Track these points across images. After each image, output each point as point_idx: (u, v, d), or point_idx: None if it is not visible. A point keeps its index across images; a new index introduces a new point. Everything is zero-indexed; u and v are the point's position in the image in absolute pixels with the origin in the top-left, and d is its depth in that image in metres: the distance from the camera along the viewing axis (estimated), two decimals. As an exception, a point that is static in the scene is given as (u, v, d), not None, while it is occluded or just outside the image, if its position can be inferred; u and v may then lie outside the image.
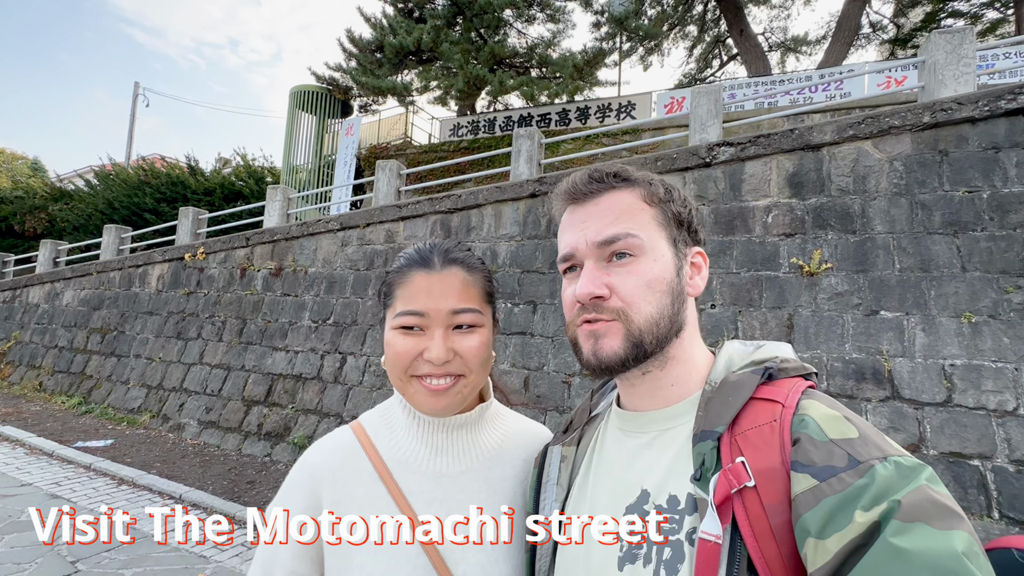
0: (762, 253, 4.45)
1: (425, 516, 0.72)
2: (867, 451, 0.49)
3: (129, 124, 20.35)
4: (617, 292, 0.61)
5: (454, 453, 0.78)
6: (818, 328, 4.04)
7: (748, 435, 0.54)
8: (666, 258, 0.63)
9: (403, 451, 0.77)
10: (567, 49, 14.08)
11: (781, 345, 0.65)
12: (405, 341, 0.73)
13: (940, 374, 3.59)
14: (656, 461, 0.62)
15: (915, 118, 4.14)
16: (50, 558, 3.39)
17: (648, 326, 0.60)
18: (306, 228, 7.31)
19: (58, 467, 5.33)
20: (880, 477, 0.46)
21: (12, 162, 28.37)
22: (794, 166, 4.53)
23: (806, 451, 0.50)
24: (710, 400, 0.60)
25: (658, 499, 0.59)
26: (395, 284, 0.76)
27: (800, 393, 0.57)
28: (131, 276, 9.04)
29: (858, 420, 0.54)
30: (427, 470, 0.76)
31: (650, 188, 0.65)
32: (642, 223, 0.63)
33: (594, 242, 0.63)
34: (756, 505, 0.51)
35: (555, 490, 0.71)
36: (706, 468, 0.55)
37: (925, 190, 4.05)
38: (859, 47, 14.21)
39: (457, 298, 0.74)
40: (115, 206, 13.24)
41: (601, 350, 0.61)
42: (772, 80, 11.30)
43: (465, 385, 0.74)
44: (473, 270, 0.78)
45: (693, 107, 5.47)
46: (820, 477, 0.48)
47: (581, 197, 0.66)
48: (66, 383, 8.54)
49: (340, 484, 0.74)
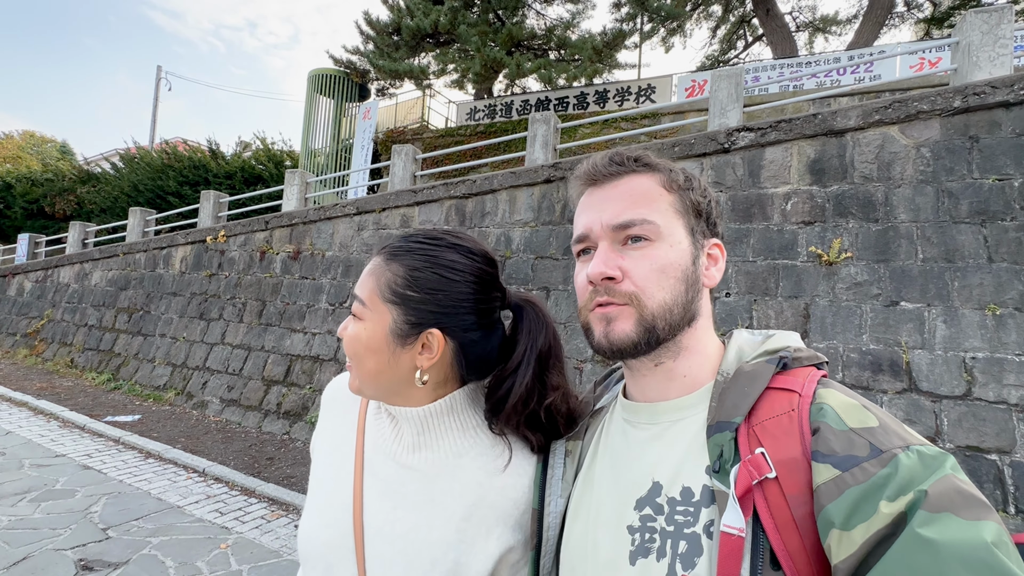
0: (780, 241, 4.38)
1: (368, 483, 0.75)
2: (889, 440, 0.49)
3: (152, 108, 20.68)
4: (630, 276, 0.60)
5: (407, 446, 0.76)
6: (835, 318, 3.98)
7: (766, 425, 0.54)
8: (683, 245, 0.62)
9: (378, 421, 0.80)
10: (586, 31, 13.81)
11: (790, 334, 0.64)
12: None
13: (960, 367, 3.51)
14: (667, 453, 0.60)
15: (945, 102, 3.99)
16: (83, 524, 3.57)
17: (661, 311, 0.59)
18: (323, 212, 7.40)
19: (89, 440, 5.58)
20: (904, 466, 0.46)
21: (42, 145, 29.14)
22: (816, 152, 4.42)
23: (826, 440, 0.50)
24: (724, 391, 0.59)
25: (671, 491, 0.58)
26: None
27: (816, 382, 0.56)
28: (156, 258, 9.29)
29: (876, 409, 0.53)
30: (384, 447, 0.77)
31: (670, 175, 0.64)
32: (660, 209, 0.62)
33: (610, 224, 0.62)
34: (778, 496, 0.50)
35: (560, 485, 0.70)
36: (724, 460, 0.54)
37: (953, 178, 3.92)
38: (892, 27, 13.64)
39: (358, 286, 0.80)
40: (140, 189, 13.56)
41: (613, 332, 0.60)
42: (798, 62, 10.94)
43: (355, 378, 0.75)
44: (392, 259, 0.75)
45: (713, 91, 5.35)
46: (842, 467, 0.48)
47: (600, 179, 0.65)
48: (96, 360, 8.87)
49: (333, 411, 0.85)
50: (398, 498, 0.73)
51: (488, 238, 5.89)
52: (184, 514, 3.90)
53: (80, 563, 3.07)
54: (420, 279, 0.70)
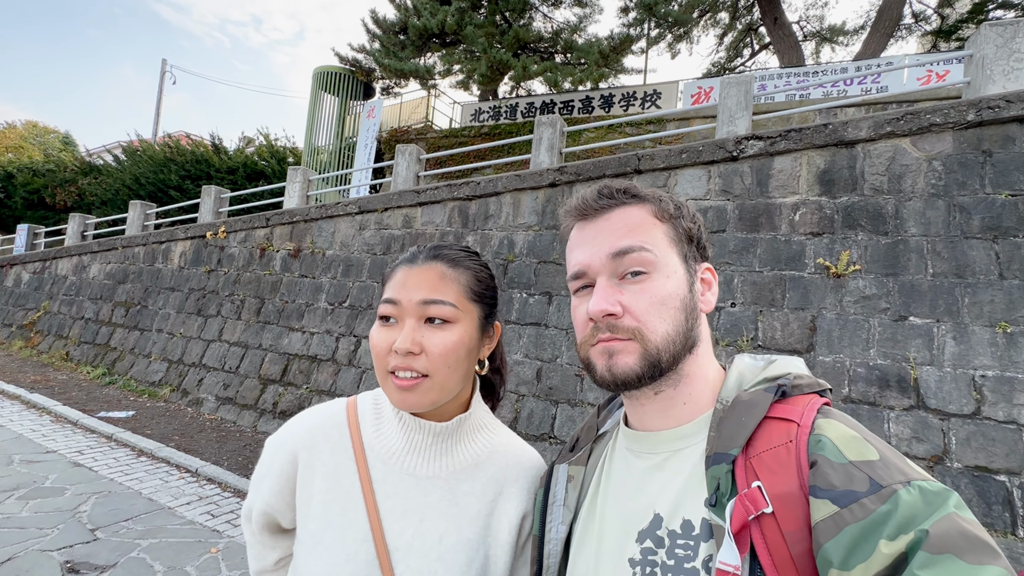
0: (787, 252, 4.32)
1: (384, 506, 0.74)
2: (889, 475, 0.47)
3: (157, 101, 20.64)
4: (631, 311, 0.59)
5: (427, 456, 0.78)
6: (842, 331, 3.91)
7: (763, 457, 0.53)
8: (679, 274, 0.62)
9: (382, 440, 0.78)
10: (593, 35, 13.79)
11: (793, 359, 0.63)
12: (380, 333, 0.74)
13: (970, 385, 3.45)
14: (668, 484, 0.60)
15: (959, 115, 3.94)
16: (71, 524, 3.50)
17: (665, 344, 0.59)
18: (325, 211, 7.34)
19: (81, 436, 5.50)
20: (904, 503, 0.45)
21: (44, 136, 29.09)
22: (826, 163, 4.36)
23: (824, 474, 0.48)
24: (722, 420, 0.58)
25: (671, 524, 0.57)
26: (386, 279, 0.79)
27: (815, 411, 0.55)
28: (155, 252, 9.22)
29: (877, 441, 0.51)
30: (397, 464, 0.77)
31: (660, 204, 0.64)
32: (654, 238, 0.62)
33: (607, 254, 0.61)
34: (775, 533, 0.49)
35: (562, 511, 0.69)
36: (721, 493, 0.53)
37: (965, 192, 3.86)
38: (899, 38, 13.61)
39: (429, 289, 0.73)
40: (141, 182, 13.50)
41: (616, 366, 0.59)
42: (805, 71, 10.90)
43: (431, 388, 0.72)
44: (457, 265, 0.77)
45: (722, 98, 5.29)
46: (840, 503, 0.46)
47: (591, 213, 0.65)
48: (91, 354, 8.80)
49: (316, 452, 0.77)
50: (424, 510, 0.75)
51: (491, 241, 5.83)
52: (175, 516, 3.83)
53: (66, 565, 2.99)
54: (484, 280, 0.80)
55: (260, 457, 0.83)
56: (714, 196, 4.78)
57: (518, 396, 4.89)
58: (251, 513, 0.82)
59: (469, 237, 5.99)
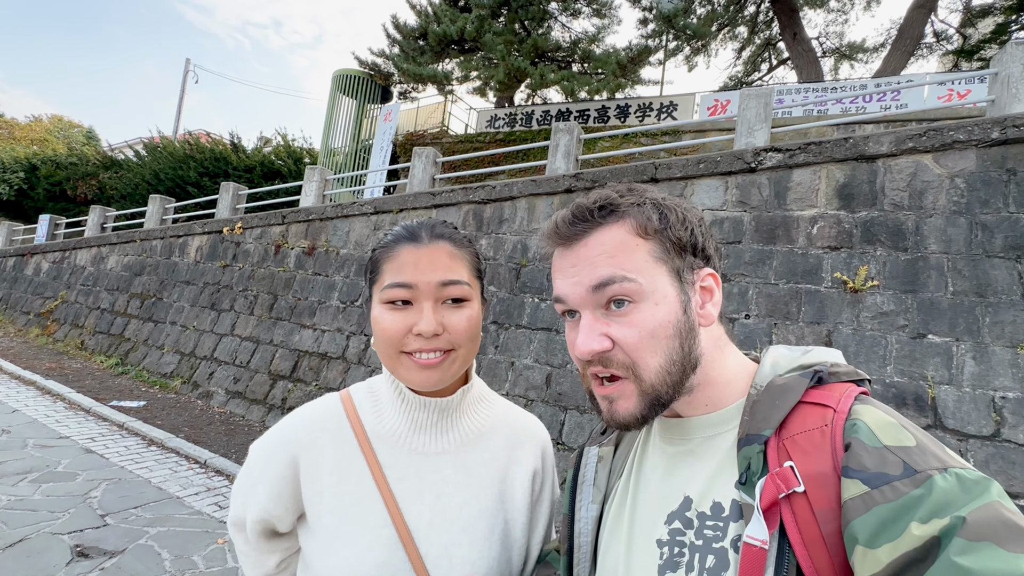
0: (804, 265, 4.28)
1: (397, 489, 0.74)
2: (925, 460, 0.46)
3: (179, 99, 21.04)
4: (620, 344, 0.57)
5: (433, 433, 0.78)
6: (858, 347, 3.86)
7: (797, 439, 0.52)
8: (669, 298, 0.57)
9: (384, 424, 0.77)
10: (611, 45, 13.87)
11: (830, 350, 0.61)
12: (394, 317, 0.72)
13: (989, 406, 3.39)
14: (700, 468, 0.59)
15: (983, 133, 3.90)
16: (82, 509, 3.54)
17: (661, 377, 0.57)
18: (340, 210, 7.41)
19: (94, 423, 5.57)
20: (939, 489, 0.44)
21: (69, 130, 29.73)
22: (845, 177, 4.33)
23: (858, 456, 0.48)
24: (755, 403, 0.57)
25: (701, 506, 0.57)
26: (382, 259, 0.75)
27: (853, 398, 0.54)
28: (172, 245, 9.35)
29: (915, 429, 0.50)
30: (404, 446, 0.76)
31: (641, 217, 0.58)
32: (638, 264, 0.57)
33: (587, 288, 0.57)
34: (806, 511, 0.49)
35: (591, 491, 0.70)
36: (752, 472, 0.53)
37: (988, 210, 3.81)
38: (920, 57, 13.54)
39: (445, 270, 0.73)
40: (161, 177, 13.73)
41: (617, 413, 0.58)
42: (823, 87, 10.86)
43: (455, 359, 0.73)
44: (461, 245, 0.77)
45: (741, 110, 5.29)
46: (872, 484, 0.46)
47: (565, 240, 0.60)
48: (106, 343, 8.92)
49: (318, 448, 0.75)
50: (439, 487, 0.76)
51: (504, 245, 5.85)
52: (183, 505, 3.85)
53: (76, 548, 3.02)
54: (479, 256, 0.81)
55: (245, 464, 0.80)
56: (731, 207, 4.76)
57: (527, 401, 4.87)
58: (243, 522, 0.78)
59: (483, 240, 6.01)
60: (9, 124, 26.61)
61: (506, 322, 5.38)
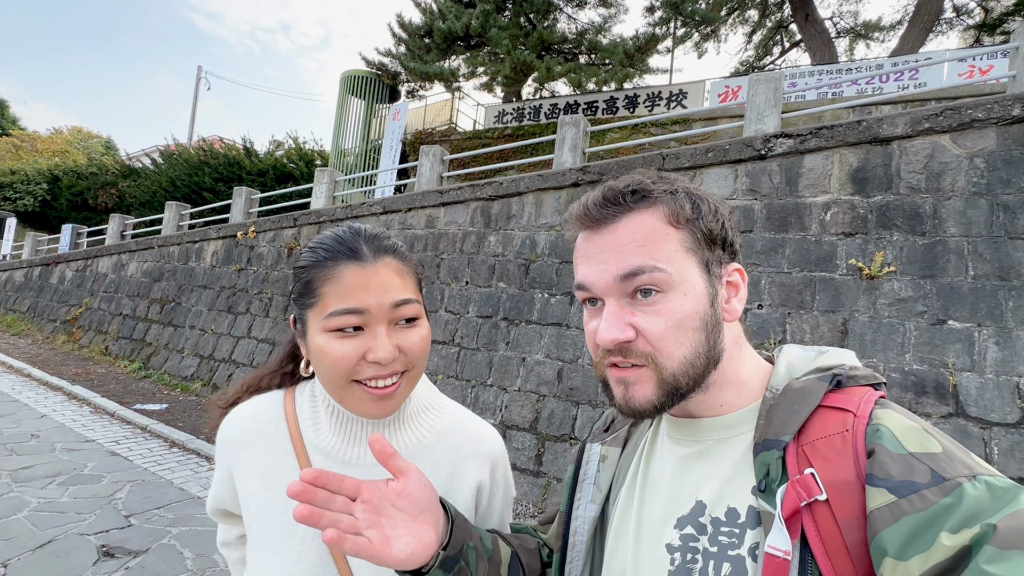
0: (817, 253, 4.19)
1: None
2: (953, 468, 0.45)
3: (192, 106, 21.39)
4: (644, 335, 0.55)
5: (366, 444, 0.75)
6: (875, 335, 3.78)
7: (817, 445, 0.51)
8: (698, 289, 0.56)
9: (320, 433, 0.75)
10: (618, 35, 13.68)
11: (845, 352, 0.59)
12: (344, 346, 0.66)
13: (1013, 392, 3.29)
14: (712, 471, 0.57)
15: (1003, 110, 3.76)
16: (107, 510, 3.64)
17: (683, 369, 0.55)
18: (350, 211, 7.47)
19: (118, 426, 5.72)
20: (969, 497, 0.42)
21: (88, 140, 30.46)
22: (859, 161, 4.22)
23: (883, 464, 0.47)
24: (773, 407, 0.55)
25: (715, 511, 0.55)
26: (318, 281, 0.68)
27: (873, 403, 0.52)
28: (188, 251, 9.54)
29: (940, 434, 0.49)
30: (338, 456, 0.74)
31: (674, 205, 0.56)
32: (668, 253, 0.55)
33: (614, 276, 0.55)
34: (828, 520, 0.47)
35: (591, 490, 0.68)
36: (771, 479, 0.51)
37: (1010, 190, 3.68)
38: (939, 33, 13.09)
39: (397, 290, 0.69)
40: (177, 184, 14.00)
41: (633, 399, 0.56)
42: (838, 68, 10.59)
43: (409, 381, 0.72)
44: (406, 260, 0.74)
45: (750, 95, 5.18)
46: (899, 493, 0.44)
47: (595, 223, 0.58)
48: (128, 348, 9.15)
49: (252, 452, 0.75)
50: None
51: (513, 241, 5.84)
52: (204, 505, 3.94)
53: (102, 549, 3.12)
54: (418, 265, 0.78)
55: None
56: (741, 196, 4.68)
57: (539, 396, 4.87)
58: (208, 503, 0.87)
59: (491, 237, 6.01)
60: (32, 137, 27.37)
61: (516, 318, 5.38)
